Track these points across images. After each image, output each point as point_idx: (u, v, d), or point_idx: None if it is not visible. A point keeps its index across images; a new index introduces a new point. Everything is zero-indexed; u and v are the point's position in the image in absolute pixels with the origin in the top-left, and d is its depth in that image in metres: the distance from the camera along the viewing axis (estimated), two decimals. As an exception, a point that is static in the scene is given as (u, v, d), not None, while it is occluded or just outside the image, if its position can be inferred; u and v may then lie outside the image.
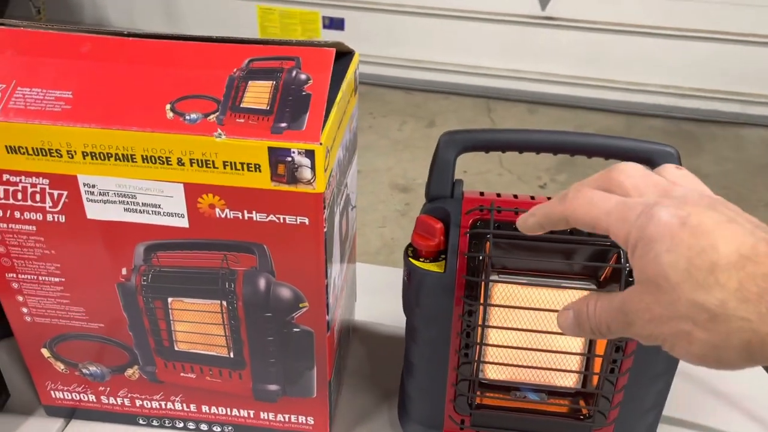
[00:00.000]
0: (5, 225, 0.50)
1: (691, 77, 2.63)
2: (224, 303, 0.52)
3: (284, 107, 0.45)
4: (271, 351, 0.54)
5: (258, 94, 0.46)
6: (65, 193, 0.48)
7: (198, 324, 0.54)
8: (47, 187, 0.48)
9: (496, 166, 2.38)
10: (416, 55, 2.85)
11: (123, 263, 0.51)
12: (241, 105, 0.45)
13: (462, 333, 0.52)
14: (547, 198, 0.53)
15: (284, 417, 0.59)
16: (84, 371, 0.59)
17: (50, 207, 0.49)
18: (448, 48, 2.80)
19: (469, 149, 0.53)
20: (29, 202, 0.49)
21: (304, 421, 0.59)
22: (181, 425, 0.62)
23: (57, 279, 0.53)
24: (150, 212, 0.48)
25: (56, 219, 0.49)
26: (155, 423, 0.62)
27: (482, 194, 0.53)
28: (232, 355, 0.55)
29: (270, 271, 0.50)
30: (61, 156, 0.46)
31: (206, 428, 0.61)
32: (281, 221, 0.47)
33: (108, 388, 0.60)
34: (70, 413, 0.63)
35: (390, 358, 0.69)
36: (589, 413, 0.54)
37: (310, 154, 0.44)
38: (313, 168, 0.44)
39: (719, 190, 0.34)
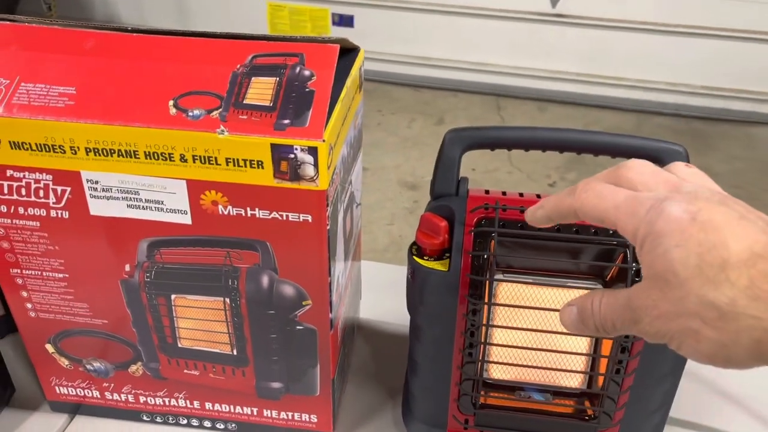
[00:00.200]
0: (9, 221, 0.50)
1: (702, 75, 2.61)
2: (227, 300, 0.52)
3: (287, 104, 0.45)
4: (274, 348, 0.54)
5: (261, 91, 0.45)
6: (68, 189, 0.48)
7: (201, 321, 0.54)
8: (51, 183, 0.48)
9: (506, 164, 2.37)
10: (426, 53, 2.84)
11: (126, 260, 0.51)
12: (244, 101, 0.45)
13: (466, 332, 0.51)
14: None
15: (287, 415, 0.59)
16: (88, 367, 0.59)
17: (54, 203, 0.49)
18: (458, 45, 2.79)
19: (475, 147, 0.52)
20: (33, 198, 0.49)
21: (308, 419, 0.59)
22: (185, 422, 0.62)
23: (61, 275, 0.53)
24: (153, 209, 0.48)
25: (60, 215, 0.49)
26: (159, 419, 0.62)
27: (487, 192, 0.53)
28: (236, 353, 0.55)
29: (273, 269, 0.50)
30: (65, 152, 0.46)
31: (209, 425, 0.61)
32: (284, 218, 0.47)
33: (112, 384, 0.60)
34: (75, 409, 0.63)
35: (395, 357, 0.69)
36: (595, 414, 0.54)
37: (313, 151, 0.43)
38: (316, 165, 0.44)
39: (730, 189, 0.33)
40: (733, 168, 2.39)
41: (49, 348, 0.58)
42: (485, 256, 0.49)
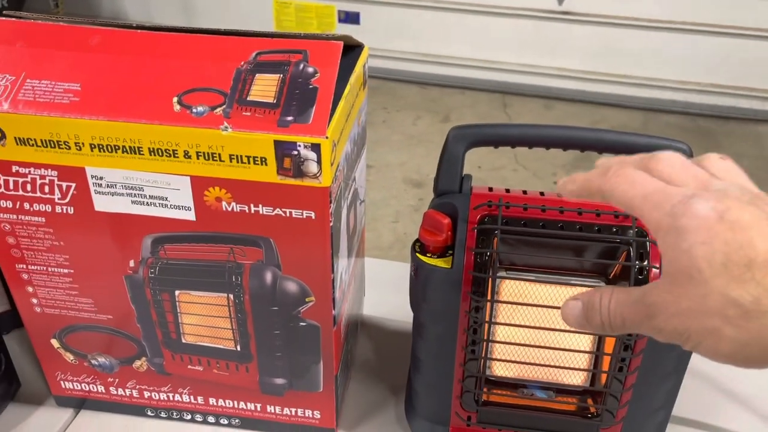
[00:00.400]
0: (15, 216, 0.50)
1: (709, 73, 2.60)
2: (231, 296, 0.52)
3: (291, 100, 0.45)
4: (278, 345, 0.55)
5: (265, 88, 0.46)
6: (73, 185, 0.48)
7: (205, 317, 0.54)
8: (56, 179, 0.48)
9: (511, 162, 2.36)
10: (432, 50, 2.84)
11: (130, 255, 0.51)
12: (248, 98, 0.45)
13: (469, 329, 0.51)
14: (558, 195, 0.52)
15: (291, 411, 0.59)
16: (93, 362, 0.59)
17: (59, 199, 0.49)
18: (464, 42, 2.78)
19: (478, 144, 0.52)
20: (38, 194, 0.49)
21: (311, 415, 0.59)
22: (189, 417, 0.62)
23: (66, 270, 0.53)
24: (157, 205, 0.48)
25: (65, 211, 0.49)
26: (163, 415, 0.62)
27: (491, 190, 0.53)
28: (239, 349, 0.56)
29: (276, 265, 0.50)
30: (70, 148, 0.46)
31: (213, 421, 0.62)
32: (287, 215, 0.47)
33: (117, 380, 0.60)
34: (80, 403, 0.63)
35: (398, 354, 0.69)
36: (597, 412, 0.54)
37: (316, 148, 0.44)
38: (319, 162, 0.44)
39: None
40: (741, 166, 2.37)
41: (55, 343, 0.58)
42: (488, 254, 0.49)
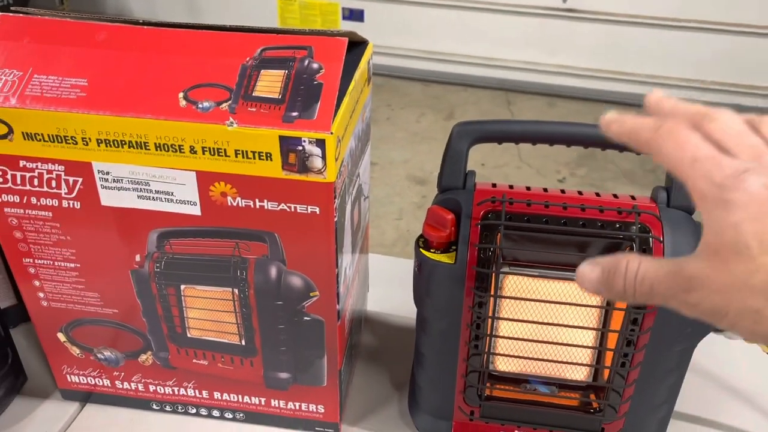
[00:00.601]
0: (22, 211, 0.51)
1: (712, 71, 2.59)
2: (236, 291, 0.53)
3: (296, 96, 0.45)
4: (282, 339, 0.55)
5: (270, 83, 0.46)
6: (80, 180, 0.49)
7: (210, 311, 0.54)
8: (63, 174, 0.48)
9: (515, 159, 2.36)
10: (436, 47, 2.84)
11: (136, 250, 0.52)
12: (253, 94, 0.45)
13: (472, 324, 0.52)
14: (561, 191, 0.52)
15: (295, 405, 0.60)
16: (99, 356, 0.59)
17: (66, 193, 0.49)
18: (468, 40, 2.78)
19: (482, 140, 0.52)
20: (45, 188, 0.49)
21: (315, 409, 0.60)
22: (194, 411, 0.62)
23: (72, 264, 0.53)
24: (163, 199, 0.49)
25: (71, 205, 0.50)
26: (168, 408, 0.63)
27: (494, 186, 0.53)
28: (244, 343, 0.56)
29: (281, 260, 0.50)
30: (76, 143, 0.47)
31: (218, 415, 0.62)
32: (292, 210, 0.47)
33: (122, 373, 0.61)
34: (86, 397, 0.64)
35: (402, 349, 0.69)
36: (600, 407, 0.54)
37: (321, 144, 0.44)
38: (324, 157, 0.44)
39: None
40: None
41: (61, 337, 0.58)
42: (491, 249, 0.49)
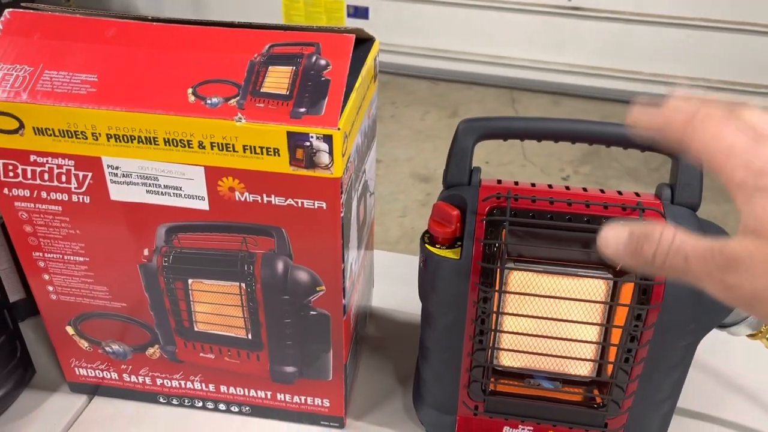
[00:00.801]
0: (32, 205, 0.51)
1: (719, 70, 2.59)
2: (243, 285, 0.53)
3: (303, 92, 0.46)
4: (288, 333, 0.55)
5: (278, 79, 0.46)
6: (90, 175, 0.49)
7: (217, 305, 0.55)
8: (73, 169, 0.49)
9: (519, 157, 2.37)
10: (440, 45, 2.84)
11: (145, 244, 0.52)
12: (262, 90, 0.46)
13: (477, 319, 0.52)
14: (566, 188, 0.53)
15: (300, 399, 0.60)
16: (107, 349, 0.60)
17: (75, 188, 0.50)
18: (473, 38, 2.78)
19: (488, 137, 0.53)
20: (55, 183, 0.50)
21: (320, 403, 0.60)
22: (200, 404, 0.63)
23: (81, 258, 0.54)
24: (171, 194, 0.49)
25: (81, 200, 0.50)
26: (175, 402, 0.63)
27: (500, 182, 0.53)
28: (250, 337, 0.56)
29: (288, 255, 0.51)
30: (86, 138, 0.47)
31: (224, 408, 0.63)
32: (299, 205, 0.48)
33: (130, 367, 0.61)
34: (93, 390, 0.64)
35: (406, 344, 0.70)
36: (603, 402, 0.55)
37: (328, 139, 0.44)
38: (331, 153, 0.45)
39: None
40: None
41: (70, 330, 0.59)
42: (497, 245, 0.50)
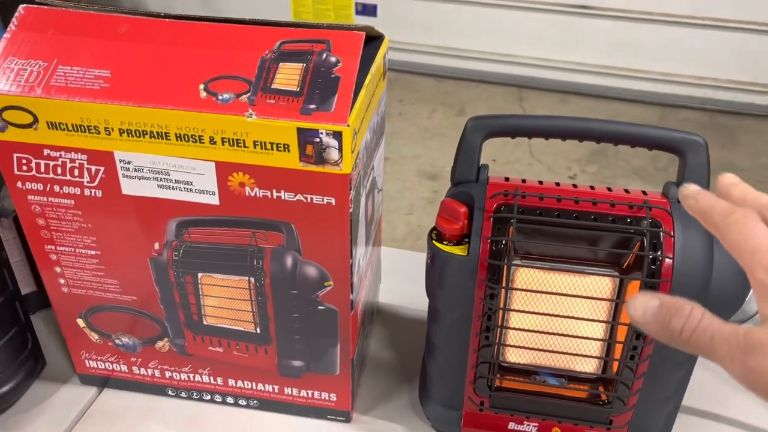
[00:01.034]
0: (45, 198, 0.52)
1: (727, 69, 2.58)
2: (252, 279, 0.54)
3: (314, 89, 0.46)
4: (296, 328, 0.56)
5: (288, 76, 0.47)
6: (102, 169, 0.50)
7: (226, 299, 0.56)
8: (85, 163, 0.50)
9: (526, 156, 2.37)
10: (448, 43, 2.84)
11: (155, 238, 0.53)
12: (272, 86, 0.46)
13: (483, 316, 0.52)
14: (573, 186, 0.53)
15: (308, 393, 0.61)
16: (117, 342, 0.61)
17: (88, 182, 0.51)
18: (481, 36, 2.78)
19: (496, 134, 0.53)
20: (68, 177, 0.50)
21: (327, 398, 0.61)
22: (208, 398, 0.64)
23: (93, 252, 0.55)
24: (182, 189, 0.50)
25: (93, 194, 0.51)
26: (183, 395, 0.64)
27: (507, 179, 0.54)
28: (259, 331, 0.57)
29: (297, 250, 0.51)
30: (99, 133, 0.48)
31: (232, 401, 0.63)
32: (309, 201, 0.48)
33: (139, 359, 0.62)
34: (103, 382, 0.65)
35: (413, 340, 0.70)
36: (608, 399, 0.55)
37: (338, 136, 0.45)
38: (341, 149, 0.45)
39: (754, 185, 0.33)
40: (759, 163, 2.36)
41: (80, 323, 0.60)
42: (504, 242, 0.50)
